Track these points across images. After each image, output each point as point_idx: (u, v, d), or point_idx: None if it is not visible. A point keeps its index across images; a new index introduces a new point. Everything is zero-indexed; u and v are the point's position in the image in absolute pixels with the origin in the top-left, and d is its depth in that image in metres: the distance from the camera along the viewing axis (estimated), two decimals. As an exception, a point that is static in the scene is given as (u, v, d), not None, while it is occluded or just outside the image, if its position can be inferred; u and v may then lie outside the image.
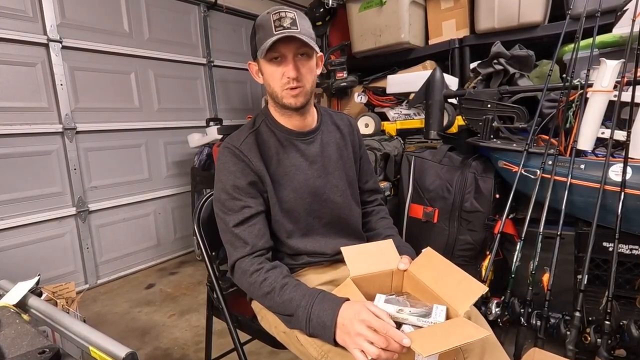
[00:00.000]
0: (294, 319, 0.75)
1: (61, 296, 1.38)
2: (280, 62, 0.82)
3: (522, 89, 1.58)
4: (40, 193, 2.08)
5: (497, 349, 0.76)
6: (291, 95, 0.84)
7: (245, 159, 0.85)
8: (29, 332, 0.60)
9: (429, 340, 0.59)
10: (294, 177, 0.89)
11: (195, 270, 2.50)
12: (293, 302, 0.74)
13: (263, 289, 0.78)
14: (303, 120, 0.92)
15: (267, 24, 0.80)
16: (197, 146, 2.53)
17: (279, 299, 0.76)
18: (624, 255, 1.28)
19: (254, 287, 0.80)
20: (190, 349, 1.61)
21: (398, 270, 0.81)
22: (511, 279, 1.28)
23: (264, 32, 0.80)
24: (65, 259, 2.20)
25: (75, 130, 2.18)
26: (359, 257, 0.80)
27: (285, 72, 0.82)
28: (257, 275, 0.79)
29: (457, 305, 0.69)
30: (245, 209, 0.84)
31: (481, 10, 2.00)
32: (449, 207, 1.60)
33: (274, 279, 0.78)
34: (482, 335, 0.61)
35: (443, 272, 0.75)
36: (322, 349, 0.73)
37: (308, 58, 0.84)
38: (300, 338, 0.77)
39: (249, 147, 0.87)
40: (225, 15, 3.02)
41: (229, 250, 0.86)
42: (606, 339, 1.07)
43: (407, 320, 0.69)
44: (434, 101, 1.64)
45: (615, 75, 1.26)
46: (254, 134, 0.90)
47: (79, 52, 2.20)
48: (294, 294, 0.75)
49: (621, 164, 1.19)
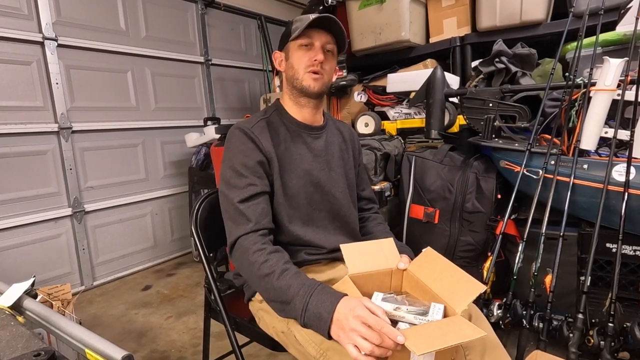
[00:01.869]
0: (289, 307, 0.73)
1: (57, 298, 1.35)
2: (309, 49, 0.90)
3: (524, 88, 1.57)
4: (36, 193, 2.06)
5: (499, 348, 0.75)
6: (312, 78, 0.90)
7: (256, 140, 0.88)
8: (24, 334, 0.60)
9: (423, 339, 0.58)
10: (299, 165, 0.93)
11: (192, 272, 2.49)
12: (291, 289, 0.73)
13: (262, 270, 0.77)
14: (314, 114, 0.97)
15: (305, 18, 0.88)
16: (195, 146, 2.51)
17: (277, 283, 0.74)
18: (628, 256, 1.27)
19: (253, 267, 0.78)
20: (187, 352, 1.60)
21: (397, 269, 0.81)
22: (513, 281, 1.27)
23: (300, 22, 0.89)
24: (61, 260, 2.18)
25: (71, 129, 2.17)
26: (358, 254, 0.79)
27: (312, 55, 0.89)
28: (259, 255, 0.78)
29: (455, 304, 0.68)
30: (250, 187, 0.85)
31: (483, 8, 1.98)
32: (450, 207, 1.59)
33: (275, 262, 0.77)
34: (478, 336, 0.60)
35: (442, 271, 0.75)
36: (320, 347, 0.73)
37: (332, 56, 0.94)
38: (299, 338, 0.78)
39: (260, 130, 0.91)
40: (223, 13, 3.01)
41: (229, 228, 0.85)
42: (609, 342, 1.06)
43: (404, 319, 0.68)
44: (434, 100, 1.63)
45: (619, 74, 1.24)
46: (265, 120, 0.94)
47: (74, 50, 2.18)
48: (294, 281, 0.74)
49: (625, 164, 1.17)
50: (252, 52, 3.30)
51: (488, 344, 0.73)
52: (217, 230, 1.05)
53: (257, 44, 3.29)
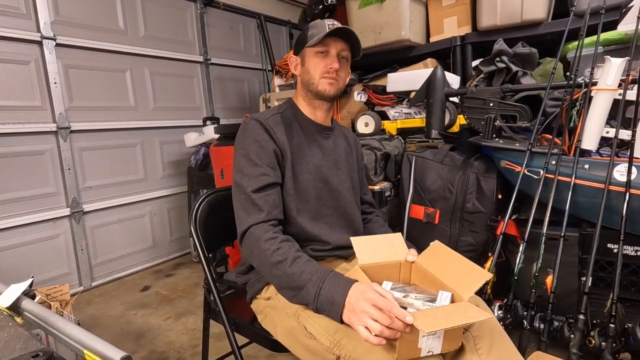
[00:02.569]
0: (302, 292, 0.76)
1: (55, 299, 1.35)
2: (325, 56, 0.94)
3: (525, 88, 1.56)
4: (34, 193, 2.05)
5: (506, 340, 0.78)
6: (328, 83, 0.95)
7: (271, 131, 0.91)
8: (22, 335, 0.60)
9: (431, 319, 0.61)
10: (310, 161, 0.96)
11: (191, 273, 2.48)
12: (304, 274, 0.76)
13: (275, 257, 0.79)
14: (325, 116, 1.02)
15: (322, 25, 0.93)
16: (194, 146, 2.51)
17: (289, 269, 0.77)
18: (629, 256, 1.27)
19: (265, 255, 0.80)
20: (186, 353, 1.59)
21: (406, 262, 0.83)
22: (514, 281, 1.27)
23: (317, 30, 0.93)
24: (59, 261, 2.17)
25: (70, 129, 2.15)
26: (368, 247, 0.82)
27: (328, 63, 0.94)
28: (271, 242, 0.81)
29: (462, 292, 0.70)
30: (264, 177, 0.87)
31: (483, 7, 1.98)
32: (450, 207, 1.59)
33: (287, 249, 0.80)
34: (483, 317, 0.63)
35: (449, 262, 0.78)
36: (334, 337, 0.74)
37: (347, 63, 0.99)
38: (311, 330, 0.78)
39: (275, 122, 0.94)
40: (223, 12, 3.00)
41: (241, 217, 0.87)
42: (611, 343, 1.06)
43: (413, 305, 0.71)
44: (435, 100, 1.62)
45: (620, 74, 1.24)
46: (280, 115, 0.98)
47: (73, 49, 2.17)
48: (306, 267, 0.77)
49: (626, 164, 1.17)
50: (251, 51, 3.29)
51: (496, 335, 0.75)
52: (216, 230, 1.05)
53: (256, 43, 3.28)
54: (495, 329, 0.76)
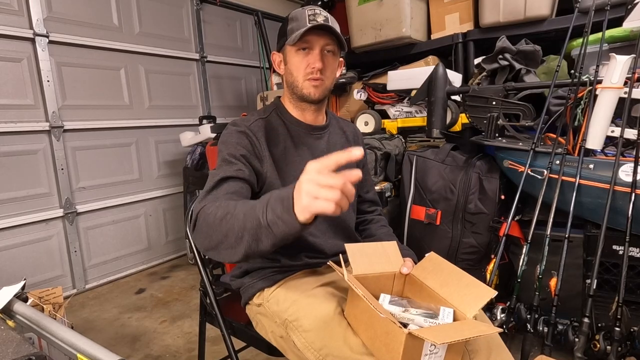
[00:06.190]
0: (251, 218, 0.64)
1: (48, 301, 1.34)
2: (308, 53, 0.86)
3: (528, 86, 1.55)
4: (26, 194, 2.02)
5: (504, 351, 0.75)
6: (312, 86, 0.87)
7: (252, 138, 0.86)
8: (14, 339, 0.59)
9: (441, 333, 0.59)
10: (298, 167, 0.89)
11: (187, 275, 2.46)
12: (250, 205, 0.66)
13: (218, 215, 0.68)
14: (316, 116, 0.95)
15: (302, 17, 0.84)
16: (190, 145, 2.48)
17: (237, 212, 0.66)
18: (635, 258, 1.26)
19: (210, 219, 0.69)
20: (182, 357, 1.58)
21: (400, 274, 0.80)
22: (517, 284, 1.25)
23: (297, 23, 0.85)
24: (52, 263, 2.14)
25: (63, 128, 2.12)
26: (362, 255, 0.80)
27: (311, 62, 0.86)
28: (208, 207, 0.71)
29: (465, 309, 0.68)
30: (238, 172, 0.81)
31: (486, 3, 1.96)
32: (452, 208, 1.58)
33: (225, 203, 0.70)
34: (494, 331, 0.62)
35: (449, 276, 0.75)
36: (319, 353, 0.71)
37: (333, 56, 0.89)
38: (298, 343, 0.76)
39: (257, 128, 0.88)
40: (219, 8, 2.97)
41: (194, 204, 0.77)
42: (616, 346, 1.05)
43: (414, 321, 0.68)
44: (436, 98, 1.60)
45: (626, 71, 1.23)
46: (264, 120, 0.91)
47: (66, 47, 2.14)
48: (249, 202, 0.67)
49: (632, 164, 1.16)
50: (248, 48, 3.26)
51: (493, 346, 0.73)
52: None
53: (253, 40, 3.26)
54: (492, 342, 0.73)
